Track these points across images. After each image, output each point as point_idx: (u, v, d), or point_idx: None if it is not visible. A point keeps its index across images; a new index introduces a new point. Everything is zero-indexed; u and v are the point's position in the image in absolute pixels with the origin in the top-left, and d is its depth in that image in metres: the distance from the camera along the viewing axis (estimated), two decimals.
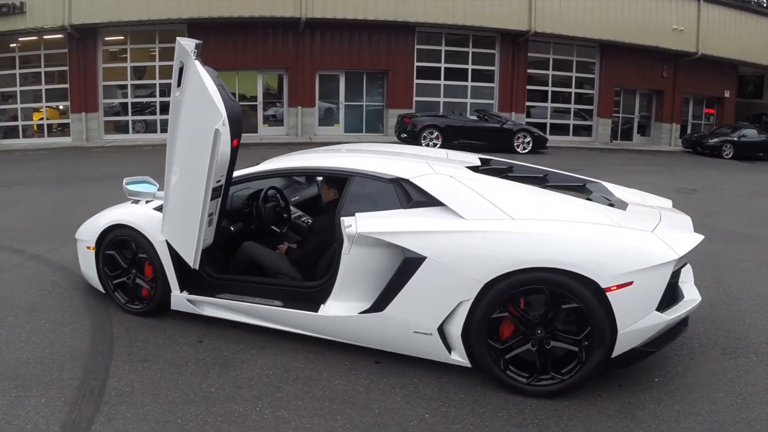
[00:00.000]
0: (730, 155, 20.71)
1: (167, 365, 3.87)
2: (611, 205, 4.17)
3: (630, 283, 3.32)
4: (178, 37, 3.73)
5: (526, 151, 18.19)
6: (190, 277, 4.41)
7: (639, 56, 22.95)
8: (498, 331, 3.56)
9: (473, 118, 19.30)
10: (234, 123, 3.63)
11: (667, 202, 4.77)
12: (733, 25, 23.70)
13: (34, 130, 20.89)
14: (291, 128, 21.33)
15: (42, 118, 20.82)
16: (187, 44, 3.64)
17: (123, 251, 4.68)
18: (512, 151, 17.74)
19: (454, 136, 17.62)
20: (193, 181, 3.77)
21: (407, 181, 3.91)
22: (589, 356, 3.43)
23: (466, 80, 22.48)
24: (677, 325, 3.72)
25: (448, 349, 3.67)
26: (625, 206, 4.22)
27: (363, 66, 21.43)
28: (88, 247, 4.83)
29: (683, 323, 3.82)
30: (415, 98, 21.84)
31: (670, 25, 22.41)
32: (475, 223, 3.62)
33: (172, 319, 4.53)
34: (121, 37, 20.51)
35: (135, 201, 4.85)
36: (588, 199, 4.26)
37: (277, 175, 4.66)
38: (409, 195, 3.88)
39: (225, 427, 3.19)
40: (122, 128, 21.04)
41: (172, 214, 4.14)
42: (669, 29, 22.39)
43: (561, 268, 3.34)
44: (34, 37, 19.88)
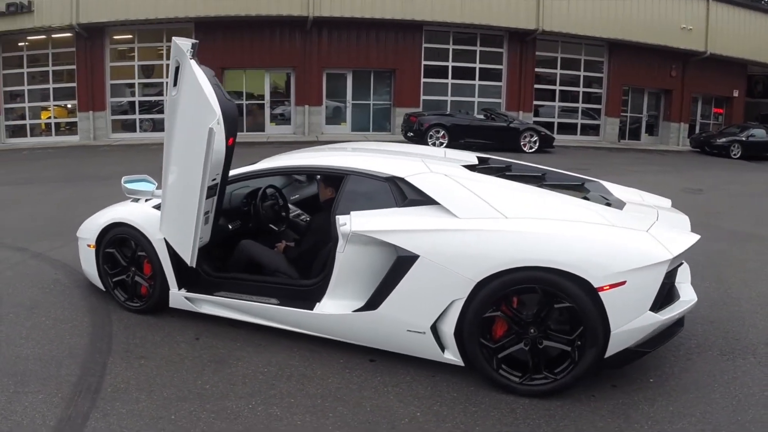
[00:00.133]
0: (738, 155, 20.57)
1: (164, 362, 3.89)
2: (608, 205, 4.15)
3: (623, 283, 3.30)
4: (174, 37, 3.75)
5: (533, 150, 18.04)
6: (188, 275, 4.43)
7: (647, 55, 22.82)
8: (491, 330, 3.55)
9: (480, 117, 19.16)
10: (229, 122, 3.65)
11: (666, 202, 4.73)
12: (743, 24, 23.55)
13: (42, 129, 21.04)
14: (298, 127, 21.36)
15: (50, 117, 20.96)
16: (183, 44, 3.66)
17: (122, 249, 4.72)
18: (519, 150, 17.63)
19: (461, 135, 17.53)
20: (189, 180, 3.79)
21: (402, 180, 3.91)
22: (582, 356, 3.41)
23: (474, 79, 22.41)
24: (673, 326, 3.70)
25: (442, 348, 3.67)
26: (623, 206, 4.19)
27: (370, 65, 21.42)
28: (89, 245, 4.86)
29: (679, 323, 3.79)
30: (423, 97, 21.82)
31: (679, 24, 22.29)
32: (468, 221, 3.61)
33: (171, 317, 4.56)
34: (129, 36, 20.61)
35: (135, 199, 4.88)
36: (585, 199, 4.23)
37: (274, 174, 4.67)
38: (404, 193, 3.88)
39: (217, 423, 3.21)
40: (129, 127, 21.15)
41: (169, 213, 4.16)
42: (678, 28, 22.28)
43: (553, 268, 3.33)
44: (42, 36, 20.03)
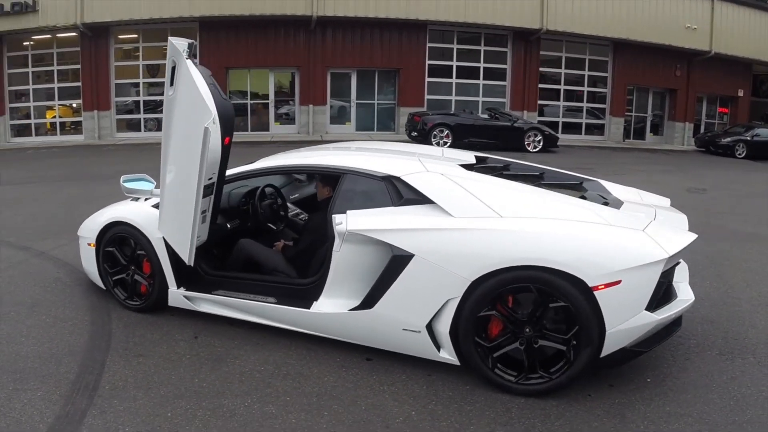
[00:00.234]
0: (743, 155, 20.49)
1: (162, 360, 3.91)
2: (606, 204, 4.14)
3: (618, 282, 3.28)
4: (170, 37, 3.78)
5: (537, 149, 17.98)
6: (187, 274, 4.44)
7: (652, 55, 22.77)
8: (486, 329, 3.55)
9: (484, 116, 19.13)
10: (225, 121, 3.67)
11: (665, 201, 4.72)
12: (748, 23, 23.45)
13: (47, 128, 21.13)
14: (302, 126, 21.39)
15: (55, 116, 21.06)
16: (179, 44, 3.69)
17: (122, 248, 4.74)
18: (523, 150, 17.59)
19: (465, 134, 17.51)
20: (186, 179, 3.81)
21: (398, 179, 3.91)
22: (577, 356, 3.40)
23: (478, 78, 22.39)
24: (670, 325, 3.68)
25: (437, 347, 3.67)
26: (620, 205, 4.18)
27: (374, 64, 21.41)
28: (89, 244, 4.89)
29: (676, 323, 3.78)
30: (427, 96, 21.81)
31: (684, 24, 22.22)
32: (463, 221, 3.61)
33: (170, 316, 4.58)
34: (134, 36, 20.69)
35: (135, 198, 4.90)
36: (582, 198, 4.23)
37: (271, 173, 4.67)
38: (400, 193, 3.88)
39: (213, 421, 3.22)
40: (134, 126, 21.23)
41: (167, 212, 4.18)
42: (682, 28, 22.20)
43: (548, 267, 3.32)
44: (47, 36, 20.12)
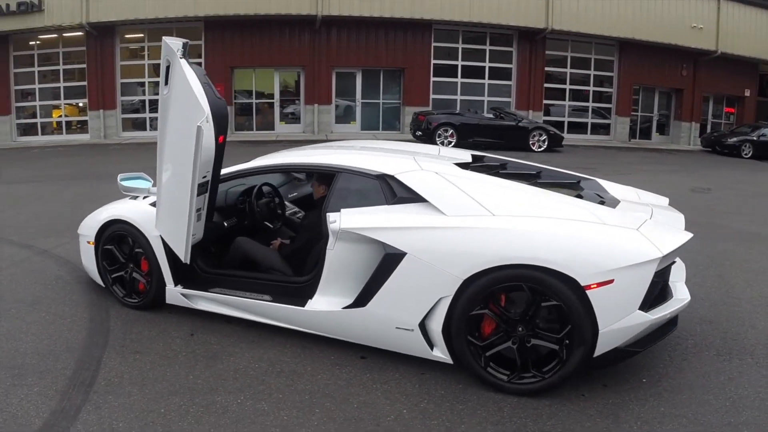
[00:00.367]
0: (750, 155, 20.39)
1: (158, 357, 3.93)
2: (602, 203, 4.12)
3: (611, 281, 3.26)
4: (164, 37, 3.80)
5: (542, 149, 17.93)
6: (184, 272, 4.47)
7: (658, 54, 22.67)
8: (479, 328, 3.55)
9: (489, 116, 19.06)
10: (219, 120, 3.69)
11: (664, 200, 4.69)
12: (754, 23, 23.30)
13: (53, 128, 21.25)
14: (307, 126, 21.41)
15: (61, 116, 21.17)
16: (173, 43, 3.72)
17: (121, 246, 4.77)
18: (528, 150, 17.54)
19: (469, 134, 17.47)
20: (181, 178, 3.84)
21: (392, 177, 3.92)
22: (570, 355, 3.38)
23: (484, 78, 22.36)
24: (665, 325, 3.66)
25: (430, 345, 3.67)
26: (616, 204, 4.16)
27: (380, 63, 21.42)
28: (89, 242, 4.92)
29: (672, 323, 3.75)
30: (432, 96, 21.79)
31: (690, 23, 22.11)
32: (456, 219, 3.60)
33: (168, 313, 4.60)
34: (140, 35, 20.74)
35: (134, 197, 4.93)
36: (579, 197, 4.21)
37: (267, 172, 4.69)
38: (393, 191, 3.89)
39: (205, 417, 3.24)
40: (140, 125, 21.29)
41: (163, 210, 4.20)
42: (688, 27, 22.10)
43: (540, 265, 3.31)
44: (53, 35, 20.22)
